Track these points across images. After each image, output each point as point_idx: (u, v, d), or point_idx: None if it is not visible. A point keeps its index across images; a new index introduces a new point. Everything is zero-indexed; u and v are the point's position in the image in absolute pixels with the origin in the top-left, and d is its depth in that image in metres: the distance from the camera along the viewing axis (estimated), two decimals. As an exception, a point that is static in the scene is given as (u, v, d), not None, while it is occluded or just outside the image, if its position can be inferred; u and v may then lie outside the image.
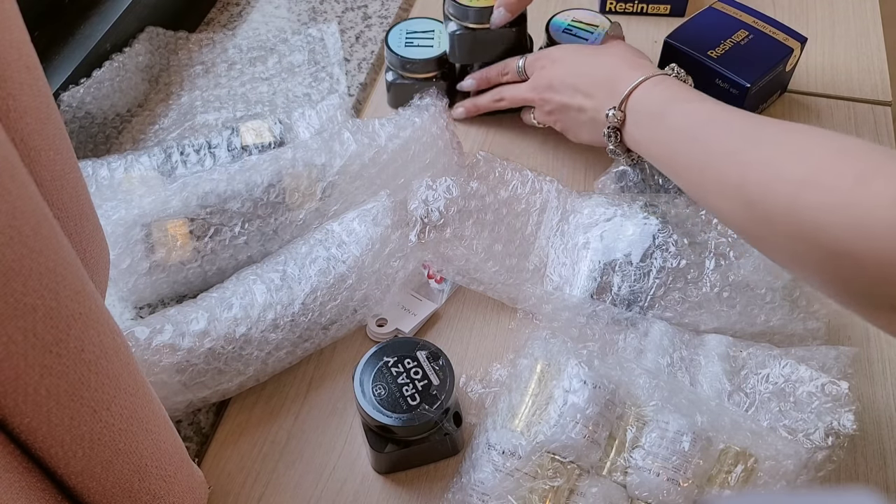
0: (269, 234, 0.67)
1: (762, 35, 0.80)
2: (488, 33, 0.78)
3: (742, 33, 0.80)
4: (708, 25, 0.81)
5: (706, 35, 0.80)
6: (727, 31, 0.80)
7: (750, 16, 0.82)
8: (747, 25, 0.81)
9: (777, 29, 0.81)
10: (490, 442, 0.56)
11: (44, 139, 0.38)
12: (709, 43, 0.79)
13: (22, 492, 0.37)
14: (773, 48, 0.79)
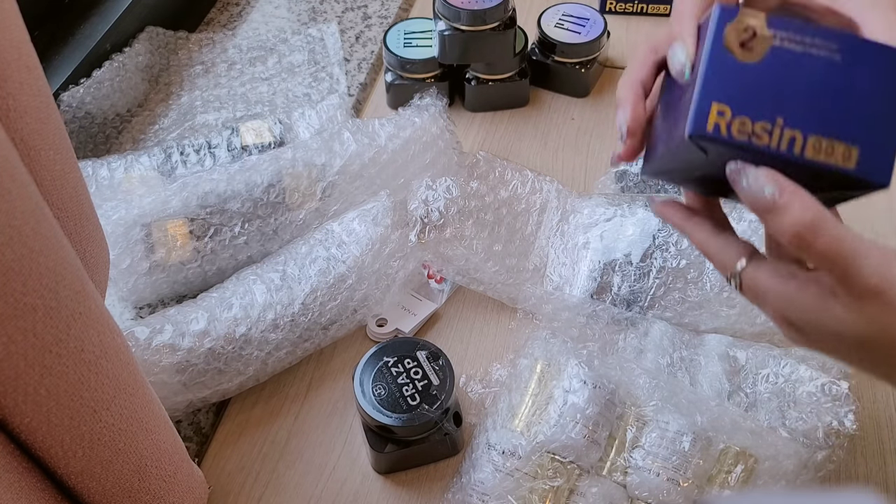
0: (269, 234, 0.67)
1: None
2: (478, 34, 0.78)
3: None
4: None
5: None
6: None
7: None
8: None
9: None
10: (490, 442, 0.56)
11: (44, 139, 0.38)
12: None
13: (22, 492, 0.37)
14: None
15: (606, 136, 0.83)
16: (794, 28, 0.43)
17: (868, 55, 0.43)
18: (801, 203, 0.39)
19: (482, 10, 0.76)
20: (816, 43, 0.43)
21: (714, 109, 0.43)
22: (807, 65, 0.43)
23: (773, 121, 0.42)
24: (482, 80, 0.83)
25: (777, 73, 0.43)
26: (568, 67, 0.84)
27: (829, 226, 0.39)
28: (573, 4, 0.87)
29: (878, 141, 0.43)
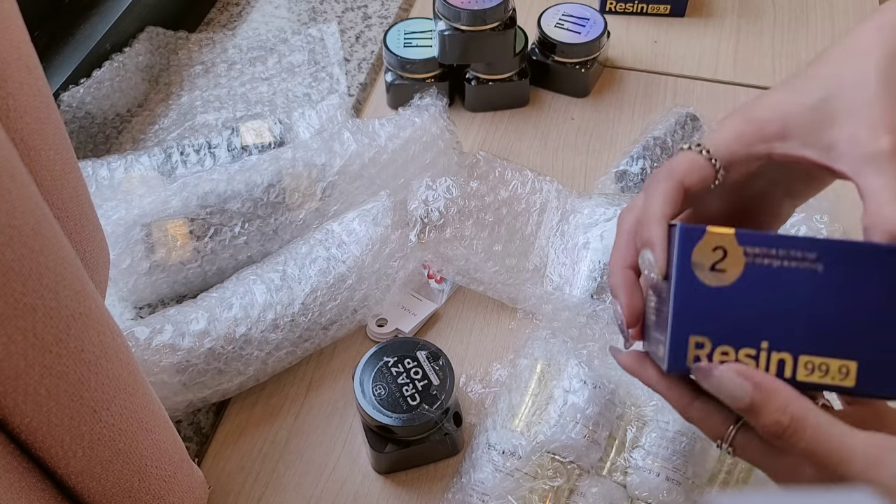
0: (269, 234, 0.67)
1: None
2: (478, 34, 0.78)
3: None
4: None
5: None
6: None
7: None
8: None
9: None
10: (490, 442, 0.56)
11: (43, 139, 0.38)
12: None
13: (22, 492, 0.37)
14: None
15: (606, 136, 0.83)
16: (767, 241, 0.39)
17: (851, 259, 0.39)
18: (777, 404, 0.37)
19: (482, 10, 0.76)
20: (793, 255, 0.39)
21: (692, 343, 0.40)
22: (786, 280, 0.39)
23: (757, 346, 0.39)
24: (482, 80, 0.83)
25: (755, 293, 0.39)
26: (568, 67, 0.84)
27: (810, 424, 0.37)
28: (573, 4, 0.87)
29: (879, 351, 0.39)
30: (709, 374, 0.39)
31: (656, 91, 0.87)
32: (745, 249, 0.39)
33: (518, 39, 0.81)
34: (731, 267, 0.39)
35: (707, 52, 0.91)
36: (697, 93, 0.87)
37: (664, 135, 0.75)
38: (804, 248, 0.39)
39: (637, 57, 0.91)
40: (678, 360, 0.40)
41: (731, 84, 0.88)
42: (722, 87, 0.88)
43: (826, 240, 0.39)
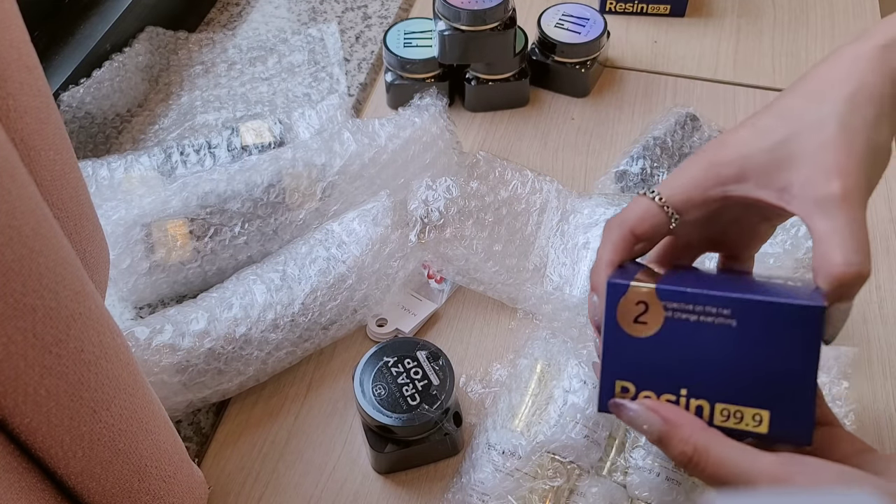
0: (269, 235, 0.67)
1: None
2: (478, 34, 0.78)
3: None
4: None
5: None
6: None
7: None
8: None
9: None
10: (490, 442, 0.56)
11: (43, 139, 0.38)
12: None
13: (22, 492, 0.37)
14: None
15: (606, 136, 0.83)
16: (685, 298, 0.42)
17: (762, 315, 0.41)
18: (682, 436, 0.40)
19: (482, 10, 0.76)
20: (708, 311, 0.41)
21: (618, 387, 0.44)
22: (703, 334, 0.42)
23: (677, 392, 0.42)
24: (482, 80, 0.83)
25: (674, 344, 0.42)
26: (568, 67, 0.84)
27: (712, 453, 0.40)
28: (573, 4, 0.87)
29: (791, 401, 0.41)
30: (624, 410, 0.43)
31: (656, 91, 0.87)
32: (665, 304, 0.42)
33: (518, 39, 0.81)
34: (653, 320, 0.42)
35: (707, 52, 0.91)
36: (697, 93, 0.87)
37: (664, 135, 0.75)
38: (719, 304, 0.41)
39: (637, 57, 0.91)
40: (605, 401, 0.44)
41: (731, 84, 0.88)
42: (722, 87, 0.88)
43: (740, 298, 0.41)
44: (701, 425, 0.41)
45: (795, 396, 0.41)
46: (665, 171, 0.72)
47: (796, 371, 0.41)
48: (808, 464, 0.39)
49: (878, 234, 0.73)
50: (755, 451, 0.39)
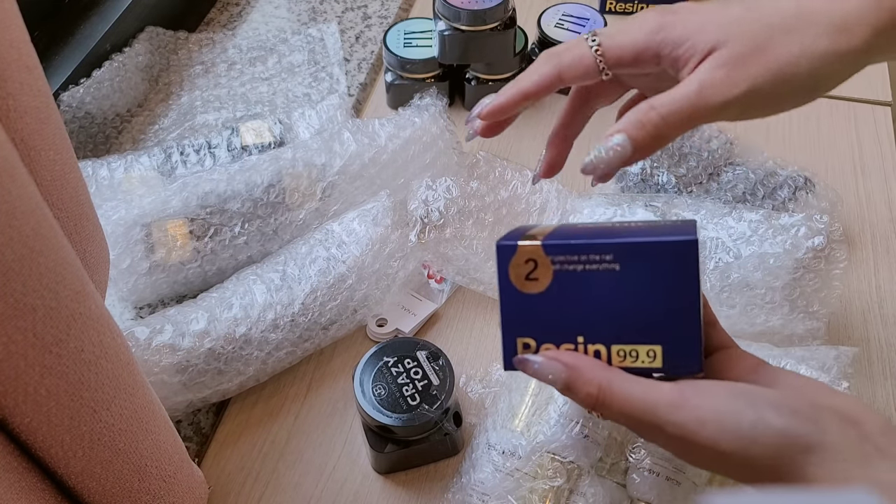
0: (269, 235, 0.67)
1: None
2: (478, 34, 0.78)
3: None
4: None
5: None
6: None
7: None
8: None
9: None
10: (490, 442, 0.56)
11: (43, 139, 0.38)
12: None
13: (22, 492, 0.37)
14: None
15: (606, 136, 0.82)
16: (569, 249, 0.44)
17: (641, 256, 0.43)
18: (585, 378, 0.42)
19: (482, 10, 0.76)
20: (592, 259, 0.43)
21: (520, 344, 0.45)
22: (591, 282, 0.44)
23: (574, 341, 0.45)
24: (482, 80, 0.83)
25: (566, 296, 0.44)
26: (568, 67, 0.84)
27: (616, 389, 0.42)
28: (573, 4, 0.87)
29: (680, 334, 0.43)
30: (527, 364, 0.44)
31: (656, 91, 0.87)
32: (552, 259, 0.44)
33: (518, 39, 0.81)
34: (543, 276, 0.44)
35: (707, 52, 0.91)
36: (697, 93, 0.87)
37: (664, 135, 0.75)
38: (602, 251, 0.43)
39: (637, 57, 0.91)
40: (509, 359, 0.46)
41: (731, 84, 0.88)
42: (722, 87, 0.87)
43: (620, 242, 0.43)
44: (601, 365, 0.43)
45: (682, 328, 0.43)
46: (665, 170, 0.72)
47: (680, 304, 0.43)
48: (700, 386, 0.41)
49: (879, 234, 0.73)
50: (654, 382, 0.41)
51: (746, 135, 0.81)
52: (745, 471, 0.40)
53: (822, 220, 0.63)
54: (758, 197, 0.70)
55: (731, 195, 0.71)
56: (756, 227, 0.63)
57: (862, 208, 0.75)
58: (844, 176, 0.78)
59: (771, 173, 0.72)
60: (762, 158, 0.74)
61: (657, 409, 0.40)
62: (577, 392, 0.43)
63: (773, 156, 0.74)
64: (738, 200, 0.70)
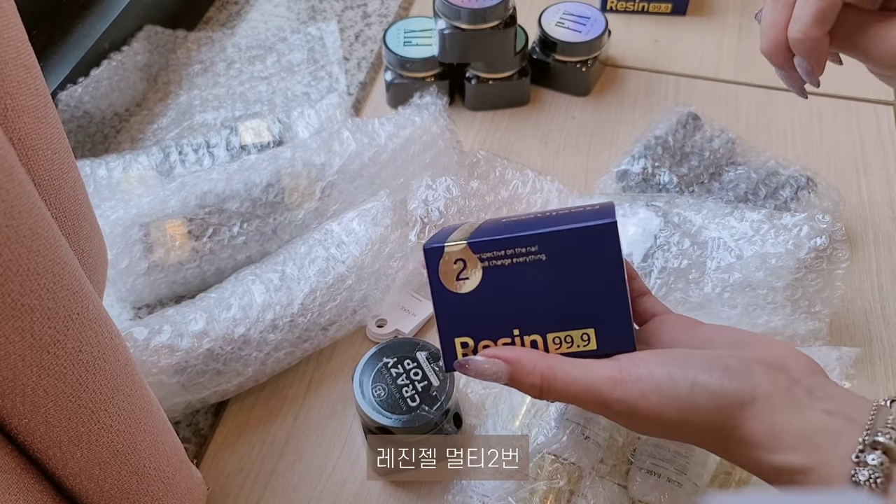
0: (268, 234, 0.67)
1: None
2: (478, 33, 0.77)
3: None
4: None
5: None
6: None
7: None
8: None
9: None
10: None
11: (41, 139, 0.38)
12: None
13: (20, 493, 0.37)
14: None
15: (607, 136, 0.82)
16: (494, 245, 0.44)
17: (564, 243, 0.44)
18: (527, 370, 0.43)
19: (482, 9, 0.75)
20: (518, 252, 0.44)
21: (458, 343, 0.46)
22: (520, 275, 0.44)
23: (511, 335, 0.45)
24: (482, 78, 0.83)
25: (498, 291, 0.45)
26: (569, 66, 0.84)
27: (557, 375, 0.43)
28: (574, 3, 0.87)
29: (610, 315, 0.44)
30: (467, 367, 0.45)
31: (657, 90, 0.87)
32: (480, 256, 0.45)
33: (518, 38, 0.81)
34: (473, 274, 0.45)
35: (708, 50, 0.91)
36: (699, 92, 0.87)
37: (665, 134, 0.75)
38: (526, 243, 0.44)
39: (638, 56, 0.91)
40: (450, 360, 0.46)
41: (732, 83, 0.88)
42: (723, 85, 0.87)
43: (542, 232, 0.44)
44: (540, 355, 0.44)
45: (611, 309, 0.44)
46: (667, 170, 0.72)
47: (607, 286, 0.44)
48: (636, 358, 0.42)
49: (881, 234, 0.73)
50: (593, 362, 0.43)
51: (748, 134, 0.80)
52: (691, 434, 0.42)
53: (825, 220, 0.63)
54: (760, 196, 0.70)
55: (733, 195, 0.71)
56: (758, 226, 0.63)
57: (864, 208, 0.75)
58: (847, 175, 0.78)
59: (773, 173, 0.72)
60: (764, 158, 0.74)
61: (600, 388, 0.41)
62: (521, 384, 0.44)
63: (774, 155, 0.74)
64: (739, 200, 0.70)
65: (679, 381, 0.40)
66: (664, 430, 0.43)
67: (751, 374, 0.40)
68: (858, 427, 0.38)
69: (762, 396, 0.39)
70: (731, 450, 0.41)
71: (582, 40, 0.83)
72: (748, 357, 0.41)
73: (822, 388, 0.40)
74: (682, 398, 0.40)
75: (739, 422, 0.39)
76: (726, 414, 0.40)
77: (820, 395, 0.40)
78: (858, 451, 0.37)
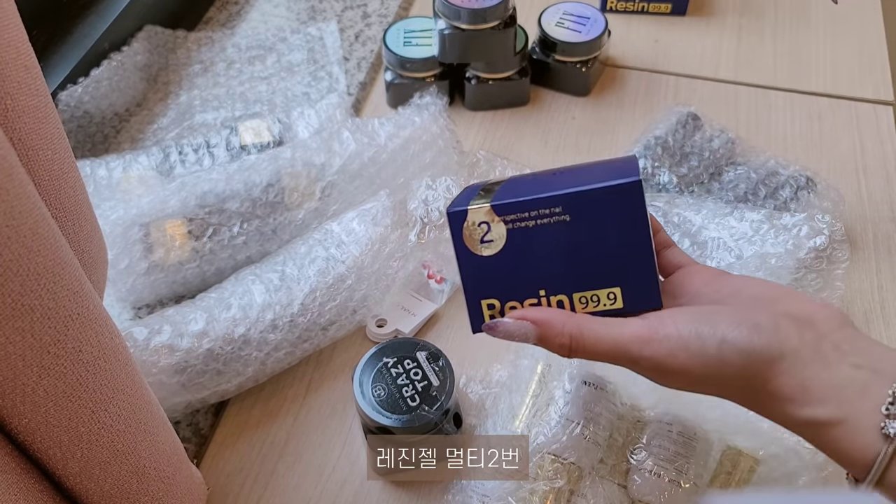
0: (268, 234, 0.67)
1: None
2: (478, 33, 0.77)
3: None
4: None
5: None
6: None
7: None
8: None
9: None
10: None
11: (42, 139, 0.38)
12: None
13: (20, 493, 0.37)
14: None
15: (607, 136, 0.82)
16: (518, 207, 0.44)
17: (588, 203, 0.44)
18: (555, 330, 0.44)
19: (482, 9, 0.75)
20: (542, 213, 0.44)
21: (484, 305, 0.46)
22: (544, 235, 0.45)
23: (537, 295, 0.45)
24: (482, 78, 0.83)
25: (523, 252, 0.45)
26: (569, 66, 0.84)
27: (586, 335, 0.43)
28: (574, 3, 0.87)
29: (636, 273, 0.45)
30: (495, 329, 0.45)
31: (657, 90, 0.87)
32: (504, 218, 0.45)
33: (518, 38, 0.81)
34: (497, 236, 0.45)
35: (708, 51, 0.91)
36: (699, 92, 0.87)
37: (665, 134, 0.75)
38: (550, 204, 0.44)
39: (638, 56, 0.91)
40: (477, 323, 0.46)
41: (732, 83, 0.88)
42: (723, 86, 0.87)
43: (565, 193, 0.44)
44: (568, 315, 0.44)
45: (637, 266, 0.44)
46: (666, 170, 0.72)
47: (632, 244, 0.44)
48: (664, 317, 0.42)
49: (880, 233, 0.73)
50: (621, 321, 0.43)
51: (748, 134, 0.81)
52: (720, 388, 0.42)
53: (824, 220, 0.63)
54: (759, 196, 0.70)
55: (733, 195, 0.71)
56: (758, 226, 0.63)
57: (864, 208, 0.75)
58: (846, 175, 0.78)
59: (772, 173, 0.72)
60: (764, 158, 0.74)
61: (628, 347, 0.42)
62: (550, 344, 0.44)
63: (774, 155, 0.74)
64: (739, 200, 0.70)
65: (707, 339, 0.40)
66: (692, 385, 0.43)
67: (779, 330, 0.40)
68: (887, 379, 0.38)
69: (790, 352, 0.39)
70: (761, 404, 0.41)
71: (582, 40, 0.83)
72: (776, 312, 0.41)
73: (849, 341, 0.40)
74: (710, 356, 0.40)
75: (769, 377, 0.40)
76: (755, 370, 0.40)
77: (847, 350, 0.40)
78: (888, 404, 0.38)
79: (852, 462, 0.38)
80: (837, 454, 0.39)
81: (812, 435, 0.40)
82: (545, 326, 0.44)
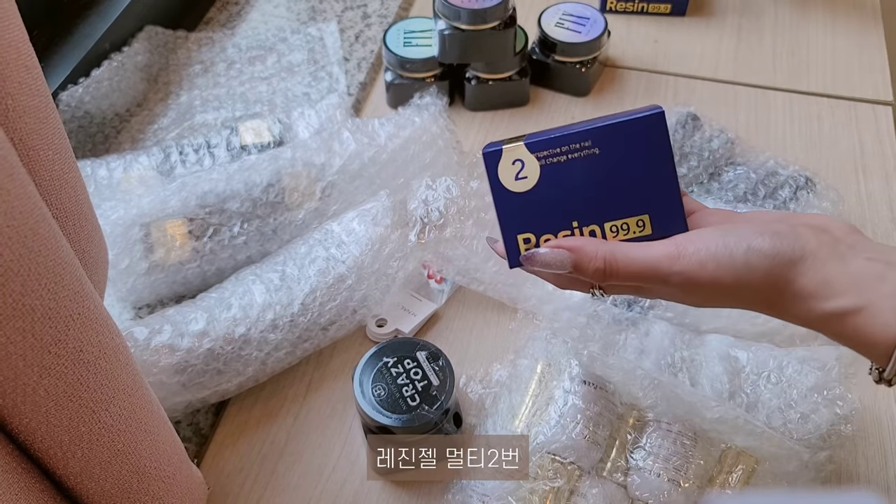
0: (269, 234, 0.67)
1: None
2: (478, 34, 0.77)
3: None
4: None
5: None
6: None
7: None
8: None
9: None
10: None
11: (42, 139, 0.38)
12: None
13: (21, 492, 0.37)
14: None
15: (606, 136, 0.82)
16: (550, 143, 0.47)
17: (616, 136, 0.47)
18: (589, 256, 0.46)
19: (482, 10, 0.76)
20: (573, 147, 0.47)
21: (520, 240, 0.49)
22: (576, 169, 0.47)
23: (570, 227, 0.48)
24: (482, 79, 0.83)
25: (556, 187, 0.48)
26: (568, 67, 0.84)
27: (618, 258, 0.46)
28: (573, 3, 0.87)
29: (663, 199, 0.48)
30: (533, 260, 0.48)
31: (657, 90, 0.87)
32: (537, 155, 0.47)
33: (518, 38, 0.81)
34: (531, 172, 0.48)
35: (708, 51, 0.91)
36: (698, 92, 0.87)
37: (665, 134, 0.75)
38: (580, 139, 0.47)
39: (638, 56, 0.91)
40: (514, 257, 0.49)
41: (731, 83, 0.88)
42: (723, 86, 0.87)
43: (595, 127, 0.47)
44: (600, 241, 0.47)
45: (664, 194, 0.47)
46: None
47: (658, 172, 0.47)
48: (691, 235, 0.45)
49: (880, 233, 0.73)
50: (651, 243, 0.46)
51: (747, 134, 0.81)
52: (747, 296, 0.45)
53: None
54: (759, 196, 0.70)
55: (733, 195, 0.71)
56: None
57: (863, 208, 0.75)
58: (845, 175, 0.78)
59: (772, 173, 0.72)
60: (763, 158, 0.74)
61: (659, 265, 0.44)
62: (586, 269, 0.46)
63: (774, 155, 0.74)
64: (739, 200, 0.70)
65: (734, 248, 0.43)
66: (720, 296, 0.45)
67: (798, 235, 0.43)
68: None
69: (810, 253, 0.43)
70: (785, 306, 0.44)
71: (581, 41, 0.83)
72: (793, 222, 0.45)
73: (861, 243, 0.44)
74: (737, 263, 0.43)
75: (793, 277, 0.43)
76: (779, 272, 0.43)
77: (860, 248, 0.43)
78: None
79: (874, 347, 0.41)
80: (859, 342, 0.42)
81: (835, 328, 0.42)
82: (579, 252, 0.46)
